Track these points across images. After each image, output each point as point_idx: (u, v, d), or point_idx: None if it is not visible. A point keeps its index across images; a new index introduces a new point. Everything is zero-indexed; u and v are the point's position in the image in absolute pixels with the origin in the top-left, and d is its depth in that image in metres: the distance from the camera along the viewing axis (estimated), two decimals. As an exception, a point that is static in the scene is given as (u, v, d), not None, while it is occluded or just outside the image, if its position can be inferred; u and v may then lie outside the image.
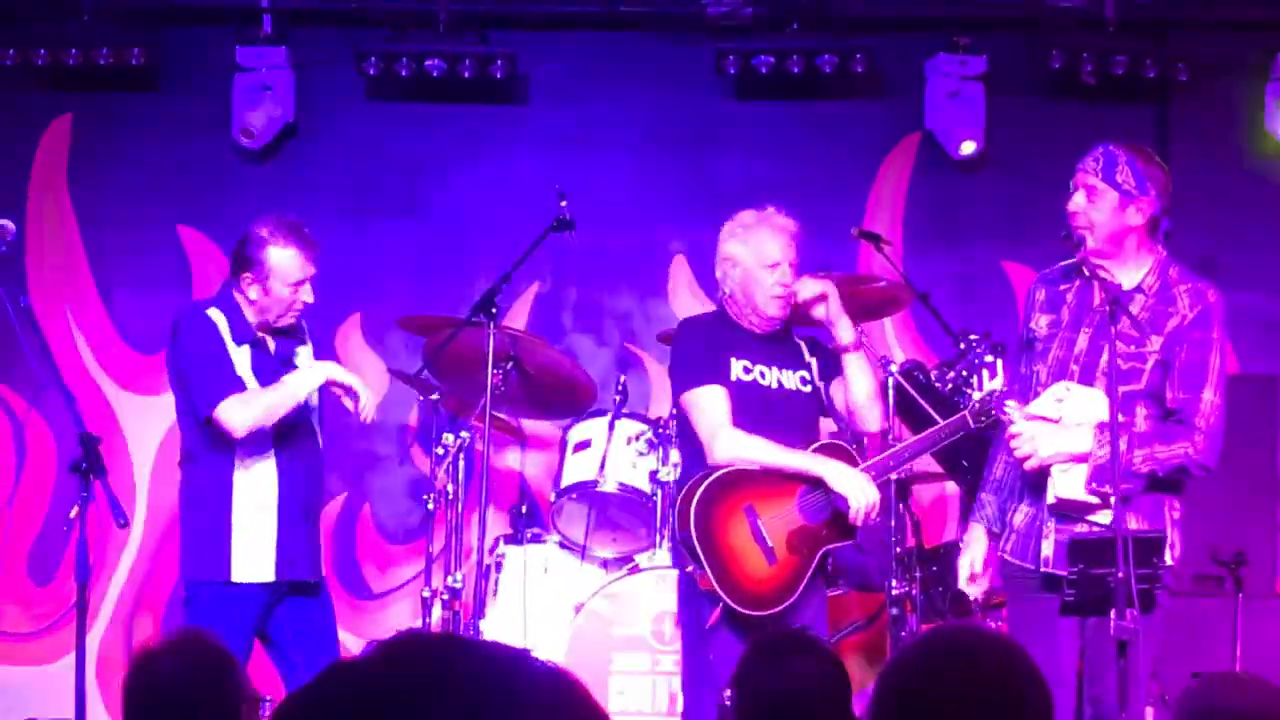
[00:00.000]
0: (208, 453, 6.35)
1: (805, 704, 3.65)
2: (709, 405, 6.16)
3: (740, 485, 6.06)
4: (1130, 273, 5.55)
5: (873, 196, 9.01)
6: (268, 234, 6.35)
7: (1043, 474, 5.46)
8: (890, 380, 7.02)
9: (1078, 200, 5.54)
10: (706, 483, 6.02)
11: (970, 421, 6.02)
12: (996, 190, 8.97)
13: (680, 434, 6.55)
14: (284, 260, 6.32)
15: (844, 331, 6.27)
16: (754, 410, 6.18)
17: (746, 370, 6.26)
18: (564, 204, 7.36)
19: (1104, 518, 5.33)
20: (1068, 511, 5.41)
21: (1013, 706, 2.35)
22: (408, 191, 9.00)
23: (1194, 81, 8.72)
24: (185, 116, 8.99)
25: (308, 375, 6.38)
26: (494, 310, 7.24)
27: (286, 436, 6.35)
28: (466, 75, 8.71)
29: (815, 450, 6.16)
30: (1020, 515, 5.59)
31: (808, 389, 6.34)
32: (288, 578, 6.28)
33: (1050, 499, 5.42)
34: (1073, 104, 8.79)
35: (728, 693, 4.18)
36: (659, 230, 8.96)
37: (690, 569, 6.08)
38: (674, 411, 6.71)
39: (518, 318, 8.76)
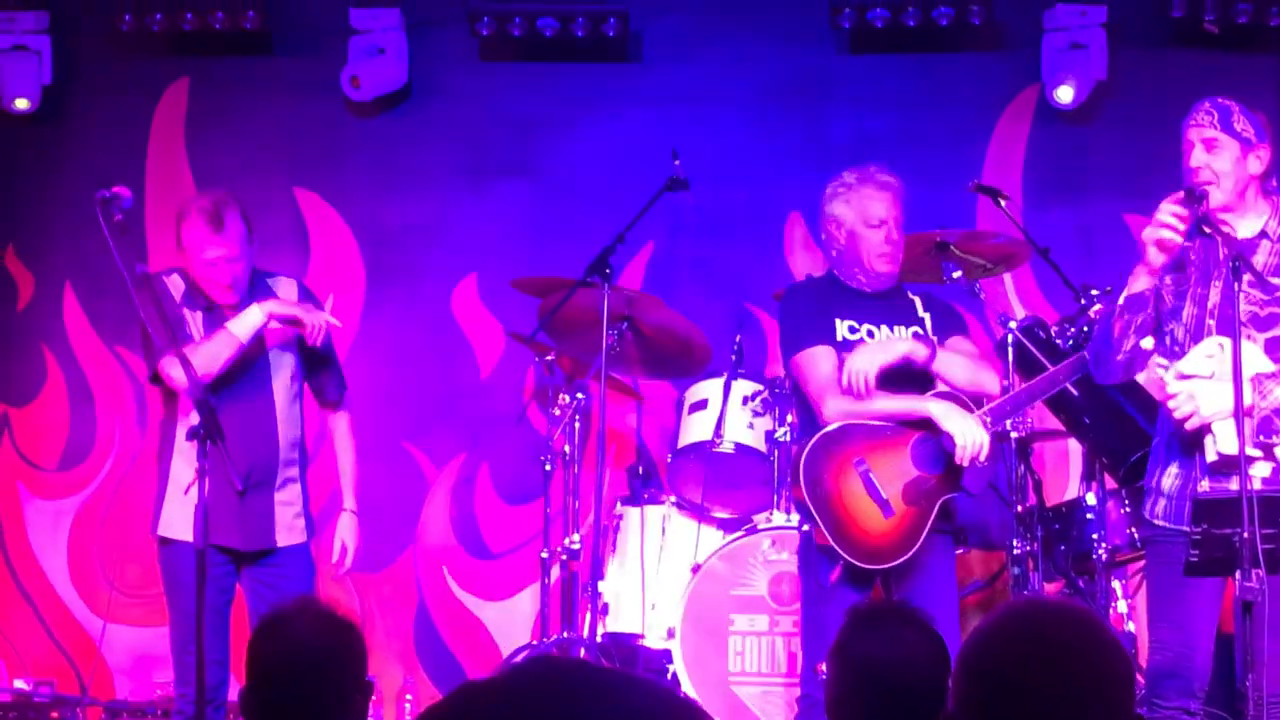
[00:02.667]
0: (162, 409, 6.39)
1: (904, 674, 3.60)
2: (816, 366, 6.14)
3: (851, 440, 6.04)
4: (1252, 221, 5.53)
5: (991, 150, 8.90)
6: (181, 210, 6.31)
7: (1192, 434, 5.38)
8: (1010, 337, 6.95)
9: (1199, 155, 5.48)
10: (814, 440, 6.02)
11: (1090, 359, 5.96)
12: (1117, 142, 8.83)
13: (794, 397, 6.52)
14: (190, 235, 6.23)
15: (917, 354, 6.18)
16: None
17: (853, 330, 6.23)
18: (677, 162, 7.34)
19: (1265, 470, 5.25)
20: (1232, 468, 5.31)
21: (1091, 682, 2.30)
22: (521, 152, 8.99)
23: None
24: (300, 80, 9.03)
25: (244, 315, 6.22)
26: (609, 270, 7.23)
27: (229, 397, 6.18)
28: (579, 34, 8.68)
29: (928, 397, 6.11)
30: (1169, 479, 5.49)
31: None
32: (211, 544, 5.89)
33: (1212, 456, 5.32)
34: (1195, 53, 8.64)
35: (822, 666, 4.15)
36: (774, 187, 8.90)
37: (806, 527, 6.07)
38: (786, 375, 6.69)
39: (633, 277, 8.73)
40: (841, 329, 6.22)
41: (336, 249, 8.98)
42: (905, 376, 6.17)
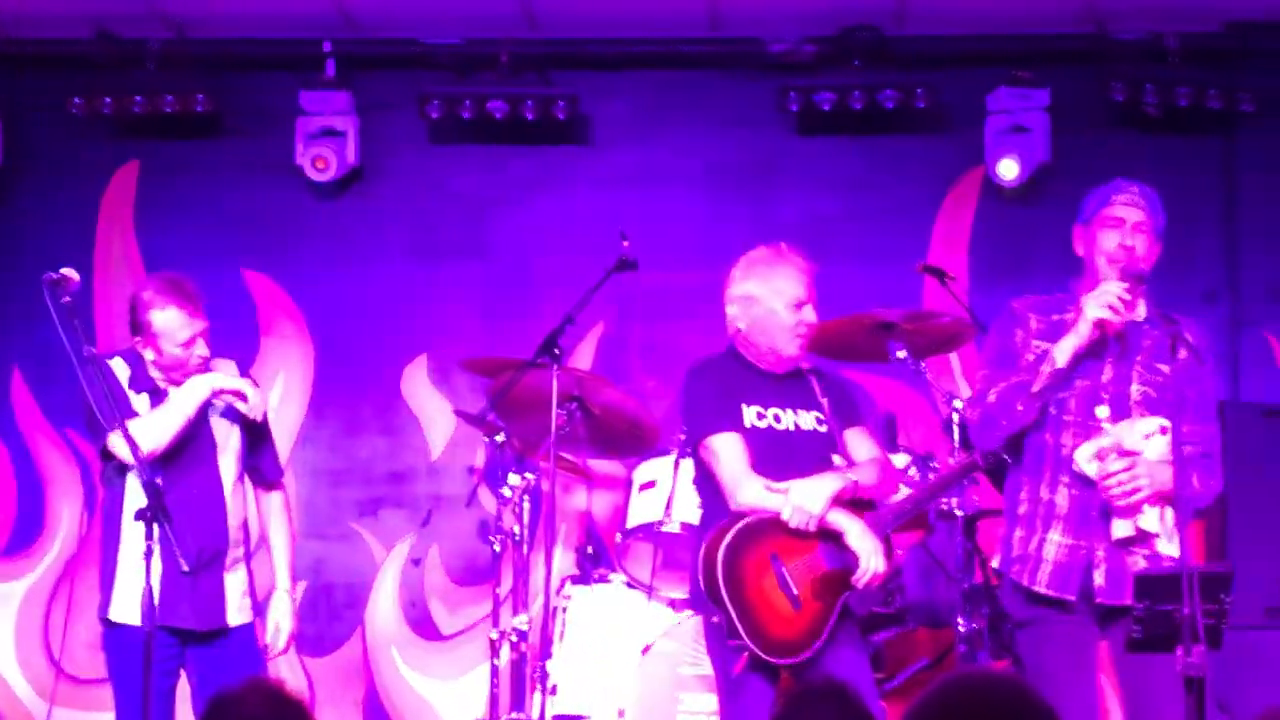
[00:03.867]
0: (107, 488, 6.33)
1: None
2: (726, 453, 6.07)
3: (765, 533, 5.97)
4: (1139, 307, 5.67)
5: (936, 231, 8.97)
6: (149, 296, 6.25)
7: (1085, 505, 5.46)
8: (955, 416, 6.99)
9: (1130, 234, 5.61)
10: (734, 531, 5.92)
11: (980, 460, 6.02)
12: (1061, 223, 8.85)
13: (699, 479, 6.39)
14: (168, 321, 6.21)
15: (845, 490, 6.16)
16: (770, 455, 6.09)
17: (760, 415, 6.16)
18: (626, 244, 7.37)
19: (1170, 549, 5.33)
20: (1134, 545, 5.38)
21: None
22: (472, 233, 9.04)
23: (1260, 112, 8.65)
24: (250, 162, 9.06)
25: (190, 386, 6.22)
26: (558, 351, 7.25)
27: (176, 477, 6.16)
28: (529, 116, 8.74)
29: (835, 497, 6.06)
30: (1053, 546, 5.54)
31: (823, 429, 6.23)
32: (160, 624, 5.78)
33: (1127, 532, 5.38)
34: (1137, 136, 8.74)
35: None
36: (723, 268, 8.89)
37: (715, 619, 6.01)
38: (689, 453, 6.61)
39: (582, 358, 8.77)
40: (749, 414, 6.15)
41: (286, 330, 8.99)
42: (814, 456, 6.16)
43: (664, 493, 7.54)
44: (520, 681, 7.55)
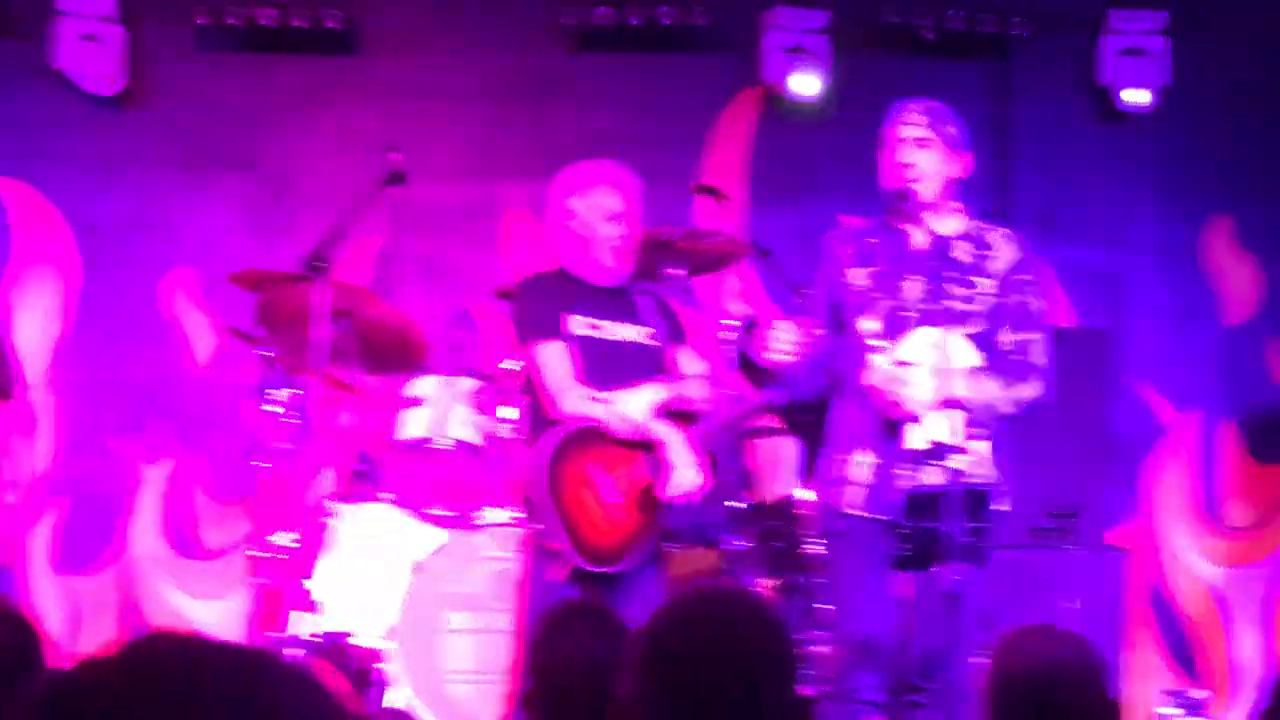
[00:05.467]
0: None
1: (593, 675, 3.56)
2: (550, 363, 6.09)
3: (587, 443, 5.99)
4: (948, 221, 5.69)
5: (713, 150, 8.95)
6: None
7: (889, 423, 5.46)
8: (729, 336, 6.98)
9: (909, 151, 5.60)
10: (554, 441, 5.94)
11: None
12: (837, 144, 8.94)
13: (524, 390, 6.45)
14: None
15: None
16: (596, 365, 6.12)
17: (586, 325, 6.18)
18: (397, 157, 7.22)
19: (963, 462, 5.35)
20: (933, 458, 5.39)
21: (755, 660, 2.32)
22: (241, 144, 8.83)
23: (1033, 36, 8.73)
24: (10, 67, 8.76)
25: None
26: (326, 265, 7.10)
27: None
28: (300, 25, 8.54)
29: (659, 409, 6.06)
30: (861, 468, 5.56)
31: (651, 343, 6.27)
32: None
33: (919, 444, 5.39)
34: (912, 60, 8.78)
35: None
36: (497, 184, 8.86)
37: (537, 526, 6.00)
38: (516, 367, 6.65)
39: (353, 273, 8.63)
40: (576, 324, 6.17)
41: (45, 240, 8.74)
42: (641, 369, 6.15)
43: (434, 409, 7.46)
44: (283, 600, 7.43)
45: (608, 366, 6.12)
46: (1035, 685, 3.24)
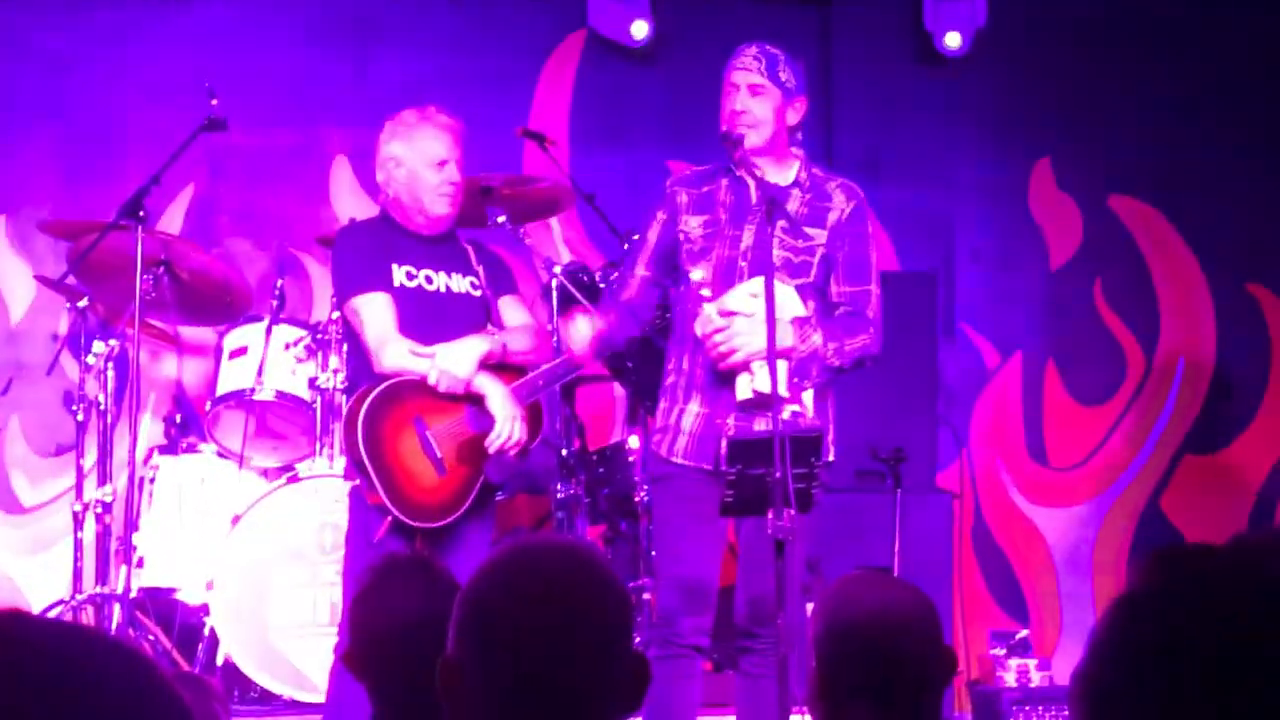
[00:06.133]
0: None
1: (414, 634, 3.50)
2: (372, 314, 5.97)
3: (408, 396, 5.90)
4: (783, 171, 5.66)
5: (538, 94, 8.88)
6: None
7: (719, 373, 5.43)
8: (554, 282, 6.94)
9: (743, 98, 5.57)
10: (374, 394, 5.84)
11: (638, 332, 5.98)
12: (662, 89, 8.91)
13: (346, 341, 6.36)
14: None
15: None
16: (420, 316, 6.01)
17: (410, 275, 6.07)
18: (215, 102, 7.07)
19: (786, 413, 5.33)
20: (760, 408, 5.37)
21: (584, 617, 2.28)
22: (52, 89, 8.59)
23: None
24: None
25: None
26: (143, 213, 6.96)
27: None
28: (113, -34, 8.36)
29: (482, 360, 5.99)
30: (690, 417, 5.54)
31: (477, 294, 6.18)
32: None
33: (745, 394, 5.38)
34: (735, 3, 8.75)
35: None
36: (319, 130, 8.73)
37: (358, 481, 5.92)
38: (337, 317, 6.56)
39: (172, 221, 8.46)
40: (399, 274, 6.05)
41: None
42: (467, 320, 6.08)
43: (255, 359, 7.37)
44: (105, 555, 7.31)
45: (433, 317, 6.02)
46: (869, 633, 3.23)
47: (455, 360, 5.90)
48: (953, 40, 8.86)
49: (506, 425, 5.89)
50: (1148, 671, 1.61)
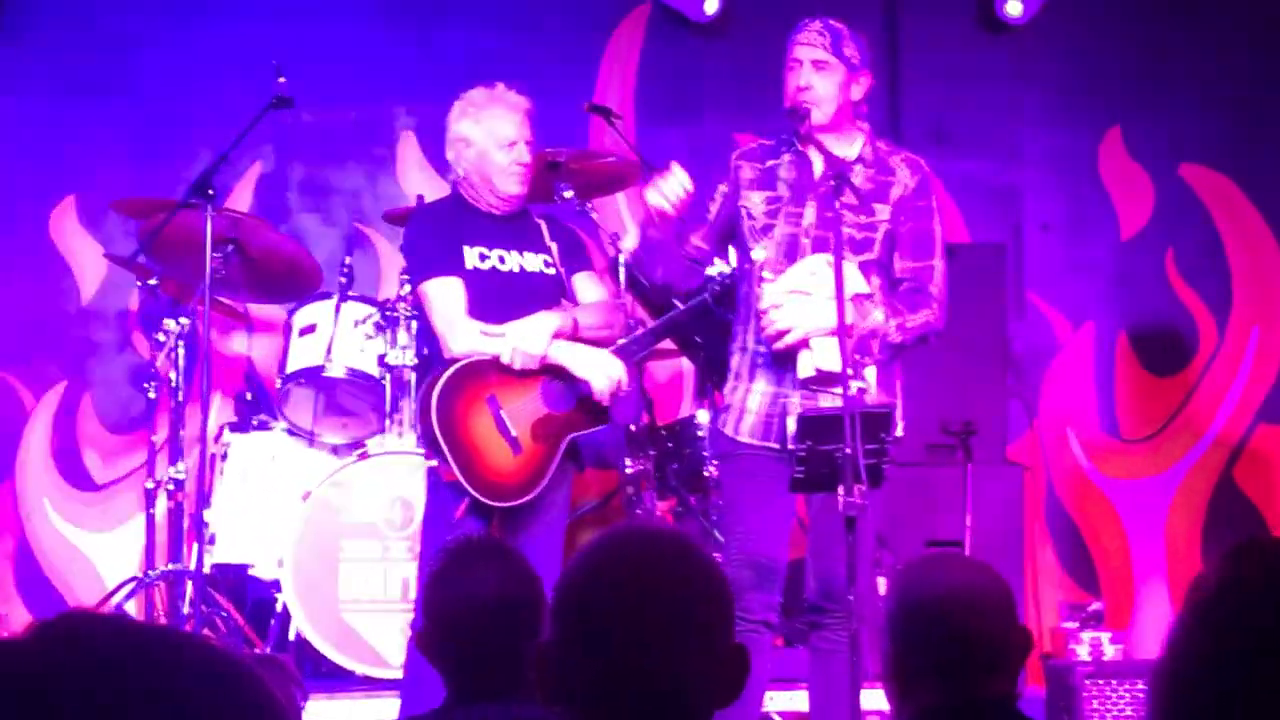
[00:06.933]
0: None
1: (488, 618, 3.50)
2: (443, 298, 5.99)
3: (482, 376, 5.91)
4: (847, 146, 5.64)
5: (603, 69, 8.86)
6: None
7: (783, 350, 5.41)
8: (621, 258, 6.93)
9: (806, 74, 5.54)
10: (447, 375, 5.87)
11: (711, 303, 5.95)
12: (729, 62, 8.87)
13: (421, 324, 6.37)
14: None
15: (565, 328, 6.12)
16: (494, 298, 6.03)
17: (483, 257, 6.08)
18: (282, 80, 7.09)
19: (853, 388, 5.31)
20: (823, 385, 5.36)
21: (685, 606, 2.25)
22: (120, 68, 8.63)
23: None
24: None
25: None
26: (212, 191, 6.97)
27: None
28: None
29: (556, 335, 6.00)
30: (756, 396, 5.53)
31: (551, 271, 6.19)
32: None
33: (808, 371, 5.36)
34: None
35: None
36: (386, 105, 8.74)
37: (435, 462, 5.94)
38: (411, 298, 6.57)
39: (240, 199, 8.49)
40: (471, 256, 6.07)
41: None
42: (541, 297, 6.09)
43: (325, 337, 7.39)
44: (177, 532, 7.36)
45: (507, 298, 6.04)
46: (941, 613, 3.21)
47: (527, 337, 5.91)
48: (1014, 8, 8.78)
49: (602, 373, 5.91)
50: (1230, 666, 1.60)
